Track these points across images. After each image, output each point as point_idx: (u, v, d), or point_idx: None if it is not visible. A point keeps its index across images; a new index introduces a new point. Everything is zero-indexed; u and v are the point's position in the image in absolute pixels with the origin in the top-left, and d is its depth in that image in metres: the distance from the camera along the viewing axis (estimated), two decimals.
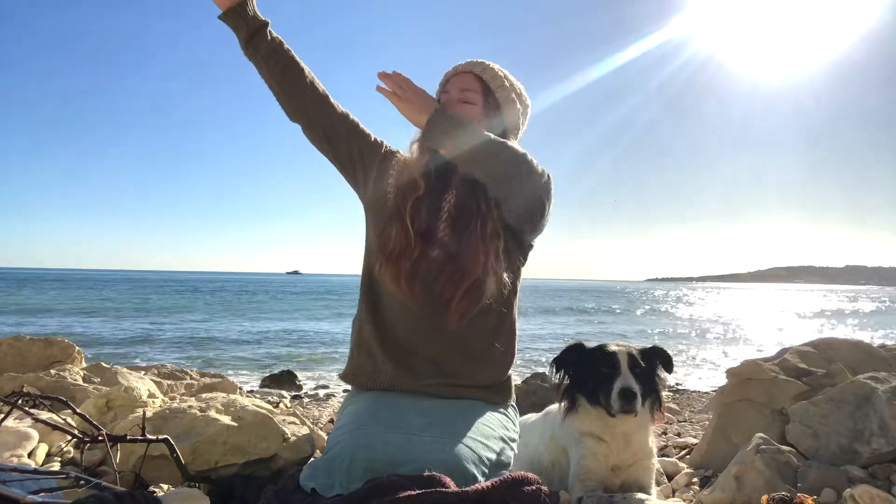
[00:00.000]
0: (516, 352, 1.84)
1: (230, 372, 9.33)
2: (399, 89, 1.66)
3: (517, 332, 1.85)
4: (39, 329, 16.53)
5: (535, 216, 1.71)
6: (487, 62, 1.79)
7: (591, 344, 1.97)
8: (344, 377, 1.85)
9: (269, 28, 1.74)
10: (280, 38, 1.76)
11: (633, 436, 1.91)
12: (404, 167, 1.77)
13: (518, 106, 1.82)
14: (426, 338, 1.71)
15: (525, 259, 1.83)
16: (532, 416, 2.31)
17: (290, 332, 17.93)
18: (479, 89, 1.76)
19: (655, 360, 1.95)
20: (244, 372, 9.87)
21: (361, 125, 1.85)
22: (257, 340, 15.49)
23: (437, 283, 1.66)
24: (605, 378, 1.84)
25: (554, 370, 1.98)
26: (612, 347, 1.88)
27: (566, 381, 1.97)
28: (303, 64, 1.78)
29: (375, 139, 1.86)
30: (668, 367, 1.96)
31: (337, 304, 33.79)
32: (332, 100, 1.82)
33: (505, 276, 1.71)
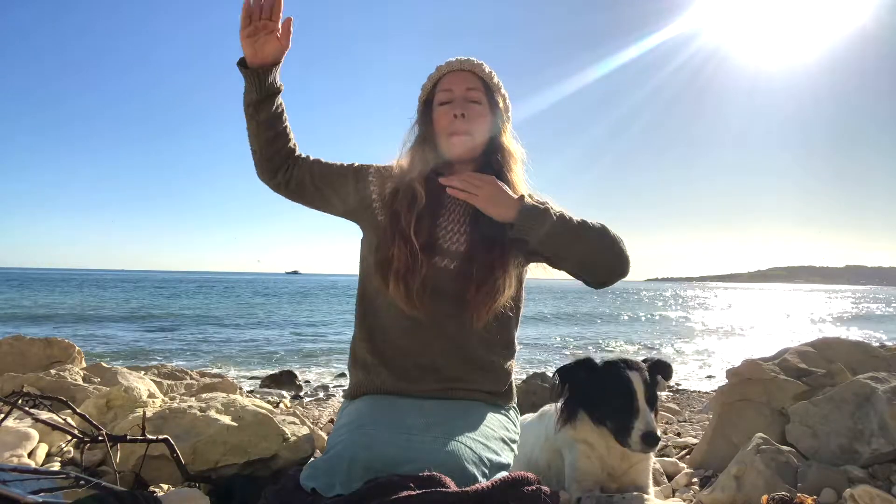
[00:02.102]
0: (516, 356, 1.84)
1: (230, 371, 9.34)
2: (474, 188, 1.59)
3: (516, 341, 1.84)
4: (42, 332, 16.53)
5: None
6: (477, 60, 1.76)
7: (599, 359, 1.94)
8: (346, 397, 1.83)
9: (280, 95, 1.71)
10: (283, 105, 1.73)
11: None
12: (397, 176, 1.74)
13: (507, 103, 1.82)
14: (425, 345, 1.70)
15: (527, 264, 1.80)
16: (529, 416, 2.30)
17: (290, 331, 17.94)
18: (481, 88, 1.73)
19: (657, 373, 1.93)
20: (244, 372, 9.86)
21: (324, 160, 1.82)
22: (257, 340, 15.50)
23: (468, 291, 1.64)
24: (620, 411, 1.79)
25: (558, 380, 1.95)
26: (626, 372, 1.82)
27: (568, 393, 1.94)
28: (291, 134, 1.76)
29: (341, 165, 1.83)
30: (668, 376, 1.96)
31: (337, 304, 33.81)
32: (301, 155, 1.79)
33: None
